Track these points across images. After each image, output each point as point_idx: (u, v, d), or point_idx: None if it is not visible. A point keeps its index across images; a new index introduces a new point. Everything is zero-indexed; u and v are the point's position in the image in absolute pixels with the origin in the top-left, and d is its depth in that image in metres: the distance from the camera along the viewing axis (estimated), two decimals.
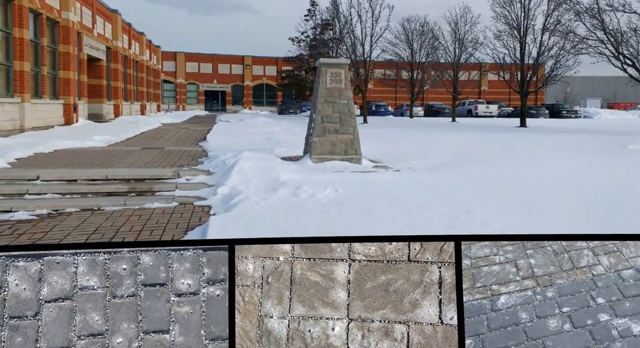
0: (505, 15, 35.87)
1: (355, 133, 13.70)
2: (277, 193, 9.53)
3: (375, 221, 7.95)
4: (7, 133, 19.94)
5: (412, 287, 2.20)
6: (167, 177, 11.54)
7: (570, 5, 30.22)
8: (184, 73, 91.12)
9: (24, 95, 22.04)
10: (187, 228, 8.20)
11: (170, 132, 27.24)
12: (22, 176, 10.98)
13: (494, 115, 60.77)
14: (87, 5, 32.81)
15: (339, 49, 46.63)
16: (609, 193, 9.66)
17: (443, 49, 48.65)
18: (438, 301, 2.19)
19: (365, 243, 2.25)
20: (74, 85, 28.18)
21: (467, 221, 7.82)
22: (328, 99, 13.60)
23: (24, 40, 22.00)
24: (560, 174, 12.00)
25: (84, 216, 9.05)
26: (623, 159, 14.95)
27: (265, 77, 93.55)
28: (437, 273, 2.21)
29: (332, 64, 13.92)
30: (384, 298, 2.20)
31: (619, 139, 21.83)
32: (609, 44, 26.62)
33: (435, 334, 2.16)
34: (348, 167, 12.82)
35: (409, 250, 2.23)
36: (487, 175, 11.64)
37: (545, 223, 7.69)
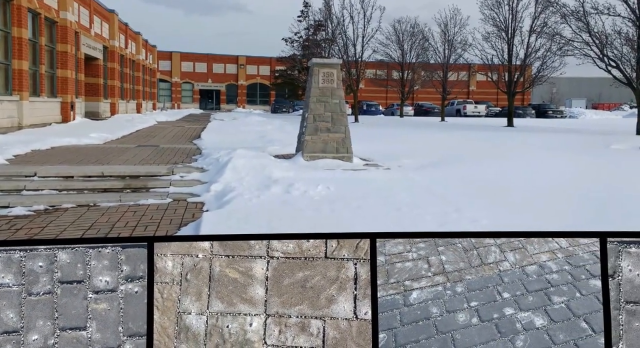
0: (494, 17, 36.11)
1: (346, 132, 13.80)
2: (269, 190, 9.60)
3: (365, 218, 8.05)
4: (6, 130, 20.01)
5: (329, 283, 2.23)
6: (161, 174, 11.59)
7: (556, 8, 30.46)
8: (179, 72, 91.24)
9: (22, 93, 22.05)
10: (180, 224, 8.22)
11: (166, 130, 27.20)
12: (19, 172, 11.05)
13: (482, 114, 60.92)
14: (85, 5, 32.84)
15: (331, 49, 46.73)
16: (594, 191, 9.79)
17: (433, 50, 48.99)
18: (353, 297, 2.22)
19: (283, 241, 2.27)
20: (71, 84, 28.21)
21: (456, 219, 7.92)
22: (320, 99, 13.68)
23: (22, 39, 22.01)
24: (547, 172, 12.13)
25: (80, 212, 9.11)
26: (607, 158, 14.99)
27: (259, 77, 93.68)
28: (353, 270, 2.23)
29: (325, 64, 14.01)
30: (301, 294, 2.23)
31: (603, 139, 21.71)
32: (594, 46, 26.86)
33: (350, 329, 2.20)
34: (339, 165, 12.93)
35: (326, 247, 2.25)
36: (476, 173, 11.76)
37: (533, 221, 7.82)
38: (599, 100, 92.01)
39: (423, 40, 49.69)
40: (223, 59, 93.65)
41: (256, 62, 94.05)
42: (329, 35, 47.88)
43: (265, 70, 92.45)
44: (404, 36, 50.38)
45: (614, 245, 2.22)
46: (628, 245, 2.22)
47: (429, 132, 27.29)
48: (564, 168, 12.89)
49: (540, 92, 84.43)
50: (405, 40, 50.28)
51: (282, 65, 68.76)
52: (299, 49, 60.70)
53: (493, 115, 59.67)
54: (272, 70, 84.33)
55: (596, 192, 9.74)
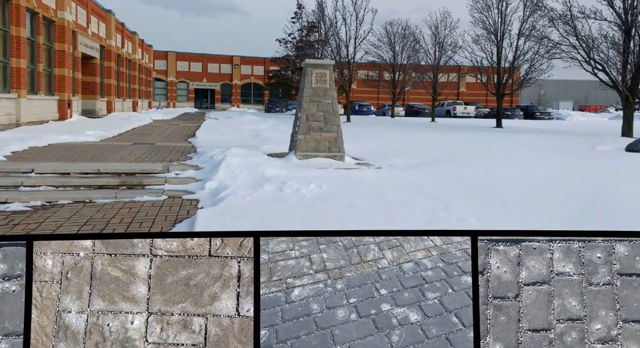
0: (483, 20, 36.14)
1: (338, 131, 13.88)
2: (263, 188, 9.69)
3: (357, 216, 8.12)
4: (4, 127, 20.12)
5: (212, 281, 2.24)
6: (157, 171, 11.68)
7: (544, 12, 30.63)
8: (175, 71, 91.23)
9: (20, 91, 22.06)
10: (175, 220, 8.29)
11: (161, 128, 27.23)
12: (17, 169, 11.13)
13: (471, 115, 60.92)
14: (82, 5, 32.83)
15: (324, 50, 46.86)
16: (580, 191, 9.87)
17: (424, 52, 49.14)
18: (236, 294, 2.23)
19: (167, 239, 2.25)
20: (68, 82, 28.20)
21: (445, 217, 7.99)
22: (313, 98, 13.77)
23: (20, 38, 22.04)
24: (535, 172, 12.20)
25: (76, 208, 9.17)
26: (593, 158, 15.08)
27: (253, 77, 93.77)
28: (237, 268, 2.24)
29: (318, 65, 14.07)
30: (184, 292, 2.23)
31: (589, 140, 21.68)
32: (580, 50, 27.02)
33: (232, 326, 2.21)
34: (332, 164, 13.02)
35: (210, 245, 2.26)
36: (466, 173, 11.83)
37: (520, 219, 7.90)
38: (585, 103, 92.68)
39: (414, 42, 49.95)
40: (218, 59, 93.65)
41: (250, 62, 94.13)
42: (322, 37, 48.03)
43: (259, 71, 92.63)
44: (396, 38, 50.79)
45: (484, 243, 2.30)
46: (497, 243, 2.30)
47: (420, 132, 27.18)
48: (552, 168, 13.00)
49: (529, 94, 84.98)
50: (396, 42, 50.66)
51: (276, 66, 68.96)
52: (292, 49, 60.83)
53: (482, 116, 59.59)
54: (266, 71, 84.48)
55: (582, 191, 9.82)
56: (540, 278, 2.29)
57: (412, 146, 18.29)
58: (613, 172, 12.59)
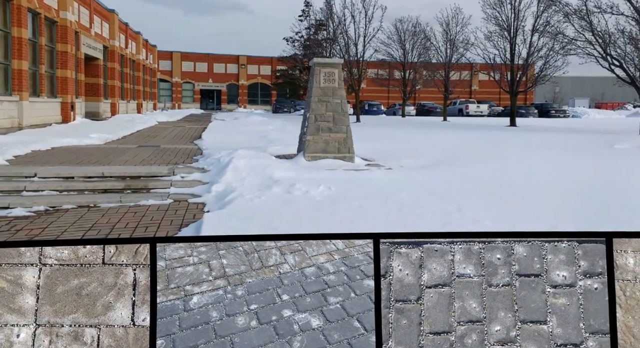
0: (496, 16, 36.17)
1: (348, 132, 13.78)
2: (271, 190, 9.58)
3: (367, 218, 8.00)
4: (6, 131, 20.00)
5: (106, 290, 2.18)
6: (162, 174, 11.56)
7: (559, 7, 30.48)
8: (179, 72, 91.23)
9: (22, 93, 22.01)
10: (181, 224, 8.19)
11: (166, 130, 27.24)
12: (20, 173, 11.03)
13: (484, 114, 60.83)
14: (85, 5, 32.79)
15: (333, 48, 46.73)
16: (598, 191, 9.74)
17: (435, 49, 48.80)
18: (132, 303, 2.18)
19: (57, 247, 2.19)
20: (71, 84, 28.15)
21: (459, 219, 7.87)
22: (322, 98, 13.66)
23: (22, 39, 21.96)
24: (550, 172, 12.08)
25: (80, 213, 9.09)
26: (611, 157, 15.06)
27: (260, 77, 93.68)
28: (132, 276, 2.20)
29: (326, 64, 13.97)
30: (76, 302, 2.16)
31: (606, 138, 21.81)
32: (597, 45, 26.83)
33: (126, 336, 2.16)
34: (341, 165, 12.91)
35: (104, 253, 2.20)
36: (478, 173, 11.73)
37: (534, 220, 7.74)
38: (602, 100, 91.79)
39: (425, 39, 49.73)
40: (224, 58, 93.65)
41: (257, 62, 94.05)
42: (330, 35, 47.94)
43: (266, 70, 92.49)
44: (406, 35, 50.45)
45: (386, 246, 2.29)
46: (399, 246, 2.30)
47: (431, 132, 27.43)
48: (567, 167, 13.06)
49: (543, 92, 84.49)
50: (407, 39, 50.36)
51: (284, 65, 68.97)
52: (300, 48, 60.80)
53: (495, 115, 59.67)
54: (273, 70, 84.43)
55: (599, 191, 9.70)
56: (442, 280, 2.31)
57: (423, 146, 18.49)
58: (634, 171, 12.40)
